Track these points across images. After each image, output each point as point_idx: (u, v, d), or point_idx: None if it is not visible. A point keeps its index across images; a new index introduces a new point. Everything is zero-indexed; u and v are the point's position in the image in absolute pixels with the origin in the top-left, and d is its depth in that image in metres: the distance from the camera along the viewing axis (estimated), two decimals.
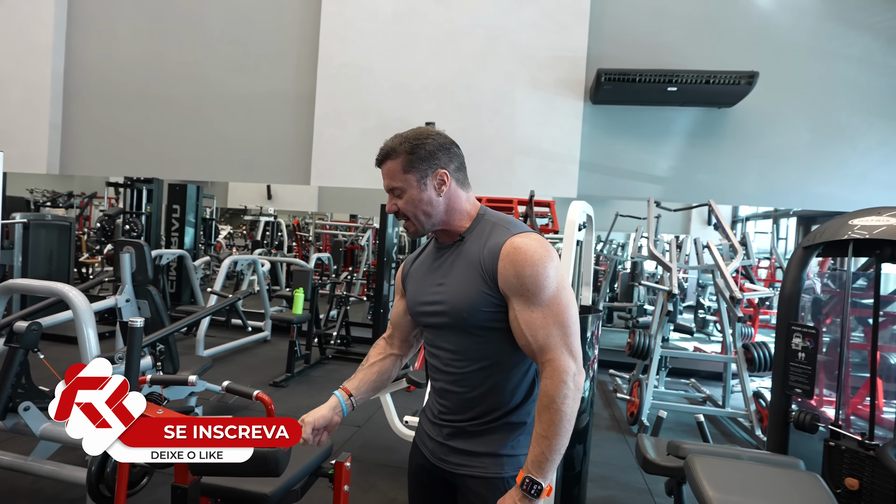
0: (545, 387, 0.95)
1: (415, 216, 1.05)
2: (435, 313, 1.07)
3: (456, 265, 1.06)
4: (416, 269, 1.18)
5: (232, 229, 8.51)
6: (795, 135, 4.55)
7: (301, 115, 5.23)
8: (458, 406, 1.07)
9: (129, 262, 2.51)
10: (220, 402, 3.35)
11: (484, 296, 1.00)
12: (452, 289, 1.04)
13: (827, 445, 1.89)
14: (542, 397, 0.96)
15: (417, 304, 1.12)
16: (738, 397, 3.65)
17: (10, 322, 2.07)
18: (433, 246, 1.16)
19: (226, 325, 4.96)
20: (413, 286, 1.16)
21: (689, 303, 7.32)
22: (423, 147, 1.05)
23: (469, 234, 1.07)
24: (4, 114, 5.69)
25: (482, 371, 1.04)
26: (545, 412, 0.94)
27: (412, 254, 1.24)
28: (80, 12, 5.73)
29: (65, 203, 7.01)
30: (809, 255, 2.10)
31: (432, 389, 1.14)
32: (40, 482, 2.28)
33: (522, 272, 0.96)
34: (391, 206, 1.07)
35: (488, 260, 1.00)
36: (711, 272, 3.84)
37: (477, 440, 1.05)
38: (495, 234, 1.03)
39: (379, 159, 1.08)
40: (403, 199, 1.05)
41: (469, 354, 1.04)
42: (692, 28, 4.60)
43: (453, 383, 1.07)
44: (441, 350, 1.09)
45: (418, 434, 1.19)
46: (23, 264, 4.56)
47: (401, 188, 1.05)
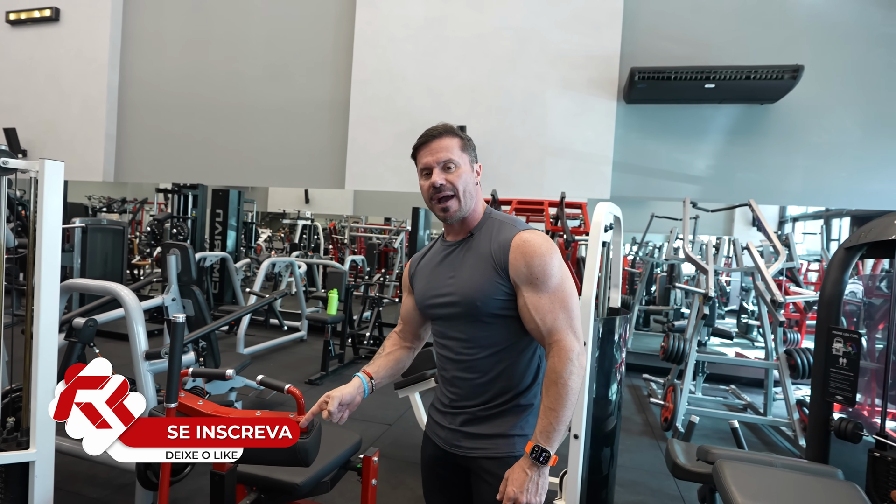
0: (553, 364, 1.03)
1: (463, 193, 1.11)
2: (447, 304, 1.13)
3: (466, 259, 1.13)
4: (424, 266, 1.24)
5: (272, 233, 8.82)
6: (845, 130, 4.32)
7: (336, 121, 5.39)
8: (470, 392, 1.13)
9: (175, 263, 2.67)
10: (258, 397, 3.49)
11: (496, 285, 1.08)
12: (464, 280, 1.11)
13: (871, 456, 1.80)
14: (549, 374, 1.03)
15: (429, 297, 1.18)
16: (780, 405, 3.49)
17: (70, 318, 2.25)
18: (440, 245, 1.23)
19: (265, 324, 5.16)
20: (422, 282, 1.22)
21: (732, 307, 7.05)
22: (470, 139, 1.17)
23: (478, 231, 1.15)
24: (66, 126, 6.14)
25: (492, 357, 1.11)
26: (553, 387, 1.02)
27: (417, 254, 1.30)
28: (132, 30, 6.11)
29: (118, 209, 7.47)
30: (852, 256, 2.00)
31: (442, 380, 1.20)
32: (96, 467, 2.45)
33: (532, 262, 1.05)
34: (442, 178, 1.09)
35: (499, 252, 1.08)
36: (752, 275, 3.70)
37: (488, 423, 1.12)
38: (503, 231, 1.12)
39: (435, 134, 1.12)
40: (455, 174, 1.10)
41: (480, 342, 1.11)
42: (730, 23, 4.45)
43: (465, 370, 1.13)
44: (452, 340, 1.15)
45: (429, 427, 1.25)
46: (81, 266, 4.90)
47: (456, 163, 1.11)
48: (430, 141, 1.12)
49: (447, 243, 1.20)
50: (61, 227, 1.81)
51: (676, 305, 6.02)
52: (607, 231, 2.03)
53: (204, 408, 1.43)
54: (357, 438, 1.91)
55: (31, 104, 6.27)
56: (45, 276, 1.77)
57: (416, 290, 1.23)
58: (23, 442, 1.78)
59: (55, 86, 6.16)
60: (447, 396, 1.18)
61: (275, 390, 1.51)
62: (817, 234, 6.01)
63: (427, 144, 1.12)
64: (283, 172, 5.65)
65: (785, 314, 5.04)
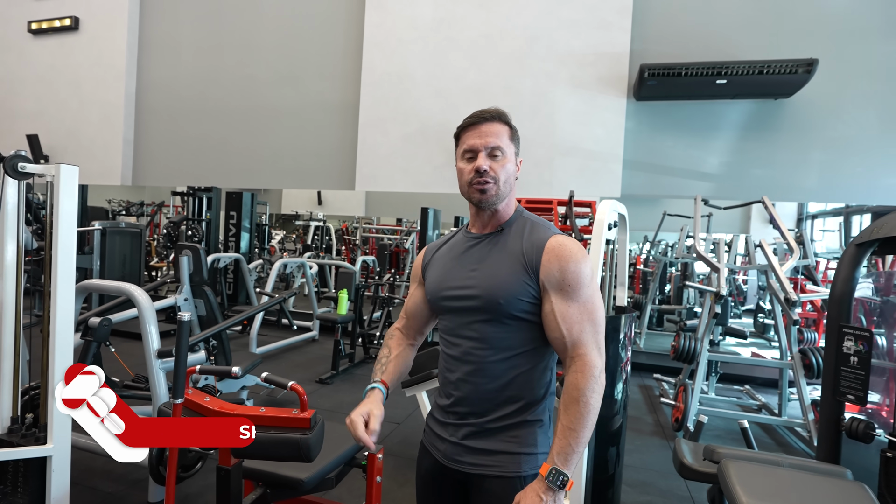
0: (574, 380, 0.96)
1: (504, 182, 1.06)
2: (465, 297, 1.06)
3: (493, 254, 1.07)
4: (441, 256, 1.17)
5: (285, 234, 8.94)
6: (863, 124, 4.22)
7: (346, 123, 5.44)
8: (477, 398, 1.05)
9: (187, 264, 2.73)
10: (269, 395, 3.54)
11: (523, 285, 1.02)
12: (488, 275, 1.04)
13: (884, 456, 1.76)
14: (570, 390, 0.96)
15: (444, 288, 1.10)
16: (795, 405, 3.43)
17: (86, 318, 2.32)
18: (462, 236, 1.16)
19: (277, 324, 5.23)
20: (437, 272, 1.14)
21: (749, 306, 6.93)
22: (517, 130, 1.13)
23: (508, 226, 1.09)
24: (86, 132, 6.30)
25: (505, 361, 1.03)
26: (574, 405, 0.95)
27: (433, 243, 1.24)
28: (149, 37, 6.25)
29: (136, 212, 7.64)
30: (864, 252, 1.96)
31: (445, 383, 1.11)
32: (112, 463, 2.48)
33: (566, 267, 1.00)
34: (487, 164, 1.04)
35: (531, 252, 1.03)
36: (766, 273, 3.64)
37: (494, 438, 1.04)
38: (537, 231, 1.07)
39: (487, 116, 1.07)
40: (500, 163, 1.05)
41: (495, 343, 1.03)
42: (742, 17, 4.37)
43: (474, 373, 1.05)
44: (463, 338, 1.07)
45: (426, 437, 1.17)
46: (101, 267, 5.03)
47: (503, 152, 1.06)
48: (480, 123, 1.06)
49: (471, 235, 1.13)
50: (77, 229, 1.88)
51: (689, 304, 5.94)
52: (611, 229, 2.03)
53: (210, 404, 1.47)
54: None
55: (53, 111, 6.45)
56: (61, 277, 1.83)
57: (429, 281, 1.16)
58: (41, 437, 1.85)
59: (75, 92, 6.34)
60: (449, 401, 1.09)
61: (279, 387, 1.54)
62: (836, 231, 5.88)
63: (476, 126, 1.06)
64: (295, 174, 5.73)
65: (802, 313, 4.94)
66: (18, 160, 1.80)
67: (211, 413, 1.41)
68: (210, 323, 2.74)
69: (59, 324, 1.82)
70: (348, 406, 1.21)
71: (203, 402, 1.47)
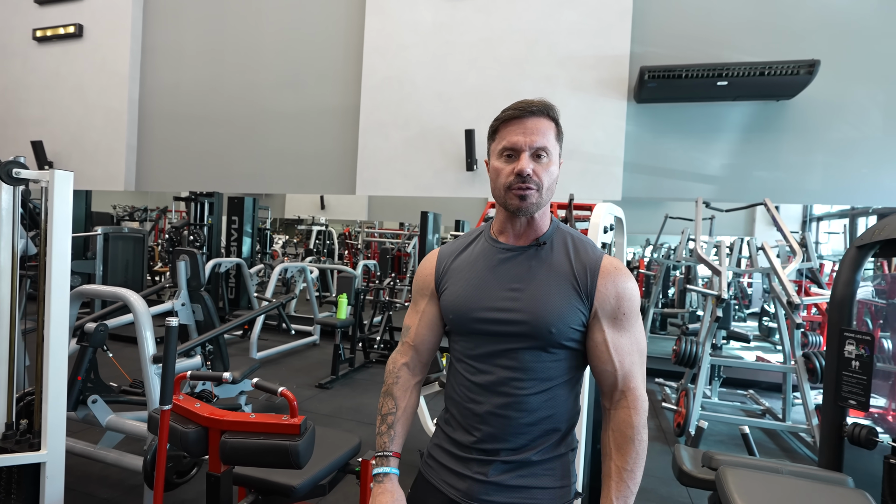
0: (628, 417, 0.89)
1: (547, 189, 0.92)
2: (506, 321, 0.92)
3: (537, 272, 0.93)
4: (464, 268, 1.00)
5: (287, 238, 8.96)
6: (866, 125, 4.18)
7: (347, 127, 5.45)
8: (510, 434, 0.93)
9: (185, 269, 2.73)
10: (268, 400, 3.54)
11: (576, 311, 0.91)
12: (536, 297, 0.91)
13: (887, 463, 1.73)
14: (624, 429, 0.89)
15: (476, 308, 0.94)
16: (799, 410, 3.38)
17: (83, 324, 2.32)
18: (488, 245, 1.00)
19: (278, 328, 5.23)
20: (463, 287, 0.97)
21: (754, 310, 6.87)
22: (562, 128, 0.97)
23: (549, 240, 0.96)
24: (90, 138, 6.36)
25: (544, 393, 0.93)
26: (629, 445, 0.88)
27: (445, 247, 1.06)
28: (151, 44, 6.31)
29: (140, 217, 7.69)
30: (864, 255, 1.93)
31: (467, 414, 0.96)
32: (108, 469, 2.51)
33: (624, 294, 0.91)
34: (531, 166, 0.90)
35: (583, 274, 0.92)
36: (768, 276, 3.60)
37: (531, 474, 0.93)
38: (584, 248, 0.96)
39: (534, 110, 0.92)
40: (545, 165, 0.91)
41: (536, 374, 0.92)
42: (742, 18, 4.35)
43: (507, 407, 0.92)
44: (497, 367, 0.93)
45: (432, 472, 1.02)
46: (103, 273, 5.05)
47: (548, 153, 0.92)
48: (525, 117, 0.91)
49: (503, 246, 0.98)
50: (80, 235, 1.88)
51: (693, 308, 5.89)
52: (607, 232, 2.01)
53: (199, 410, 1.46)
54: (356, 441, 1.91)
55: (58, 117, 6.51)
56: (55, 283, 1.84)
57: (453, 296, 0.98)
58: (35, 443, 1.84)
59: (80, 99, 6.40)
60: (475, 436, 0.95)
61: (268, 393, 1.53)
62: (840, 233, 5.82)
63: (521, 120, 0.91)
64: (296, 179, 5.74)
65: (807, 316, 4.88)
66: (13, 166, 1.80)
67: (199, 419, 1.40)
68: (208, 328, 2.74)
69: (53, 329, 1.82)
70: (347, 411, 1.16)
71: (192, 408, 1.46)
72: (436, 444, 1.04)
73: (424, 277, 1.05)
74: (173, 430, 1.44)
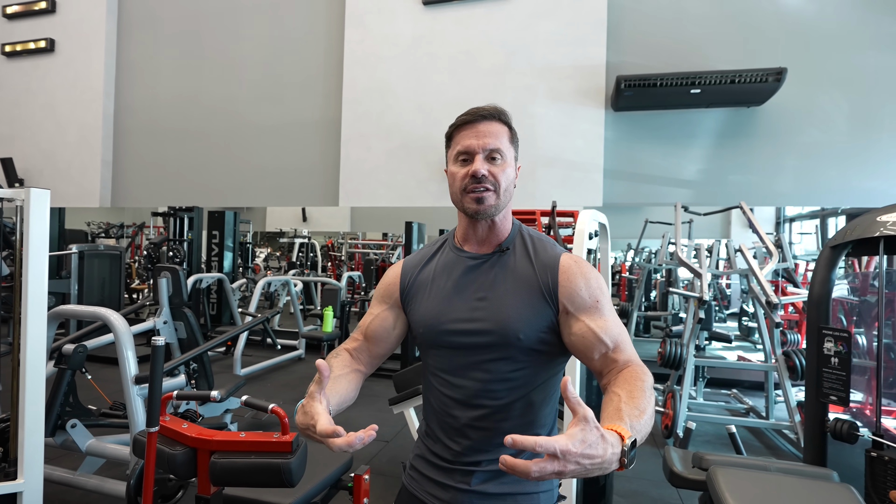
0: (638, 372, 0.83)
1: (504, 190, 0.94)
2: (473, 332, 0.92)
3: (501, 279, 0.94)
4: (430, 280, 1.00)
5: (270, 252, 8.85)
6: (833, 129, 4.35)
7: (328, 139, 5.44)
8: (490, 444, 0.93)
9: (166, 286, 2.67)
10: (254, 418, 3.46)
11: (542, 315, 0.91)
12: (501, 306, 0.92)
13: (868, 456, 1.78)
14: (635, 380, 0.80)
15: (444, 322, 0.95)
16: (782, 408, 3.45)
17: (60, 346, 2.25)
18: (452, 255, 1.00)
19: (262, 344, 5.15)
20: (429, 301, 0.98)
21: (733, 310, 7.02)
22: (517, 132, 1.01)
23: (511, 245, 0.97)
24: (63, 154, 6.20)
25: (521, 401, 0.93)
26: (640, 389, 0.78)
27: (409, 258, 1.07)
28: (127, 58, 6.21)
29: (116, 234, 7.51)
30: (838, 254, 2.00)
31: (447, 428, 0.96)
32: (89, 496, 2.42)
33: (590, 284, 0.91)
34: (486, 168, 0.92)
35: (545, 274, 0.93)
36: (746, 277, 3.69)
37: (512, 479, 0.92)
38: (542, 248, 0.97)
39: (485, 114, 0.96)
40: (500, 167, 0.94)
41: (511, 382, 0.92)
42: (713, 28, 4.50)
43: (485, 418, 0.93)
44: (470, 380, 0.93)
45: (416, 483, 1.01)
46: (79, 292, 4.91)
47: (502, 155, 0.94)
48: (477, 122, 0.94)
49: (468, 255, 0.98)
50: (54, 253, 1.82)
51: (675, 310, 6.00)
52: (592, 238, 2.04)
53: (188, 431, 1.43)
54: (348, 456, 1.89)
55: (28, 134, 6.34)
56: (32, 304, 1.78)
57: (420, 311, 0.99)
58: (11, 472, 1.77)
59: (51, 115, 6.24)
60: (457, 448, 0.95)
61: (259, 410, 1.50)
62: (812, 233, 6.01)
63: (473, 125, 0.94)
64: (278, 192, 5.69)
65: (784, 315, 5.01)
66: None
67: (187, 440, 1.37)
68: (191, 346, 2.68)
69: (30, 352, 1.76)
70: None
71: (180, 429, 1.42)
72: (418, 456, 1.04)
73: (389, 286, 1.05)
74: (160, 453, 1.40)
